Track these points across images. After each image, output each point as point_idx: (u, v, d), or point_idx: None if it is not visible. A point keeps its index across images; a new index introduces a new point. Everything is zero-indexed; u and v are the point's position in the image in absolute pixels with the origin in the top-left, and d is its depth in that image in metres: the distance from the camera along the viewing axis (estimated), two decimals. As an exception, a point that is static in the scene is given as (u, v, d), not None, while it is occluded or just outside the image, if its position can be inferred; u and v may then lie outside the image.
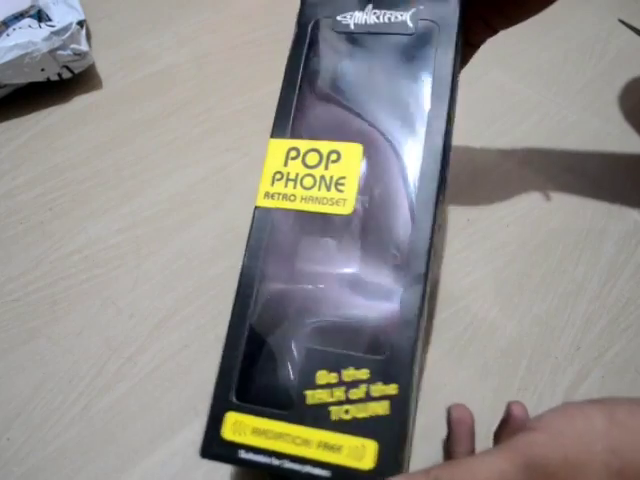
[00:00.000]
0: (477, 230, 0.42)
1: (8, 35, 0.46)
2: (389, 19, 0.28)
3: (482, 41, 0.34)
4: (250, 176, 0.45)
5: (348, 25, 0.28)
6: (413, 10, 0.27)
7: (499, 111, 0.50)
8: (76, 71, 0.49)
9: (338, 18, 0.28)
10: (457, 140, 0.48)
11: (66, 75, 0.49)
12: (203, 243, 0.40)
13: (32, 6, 0.50)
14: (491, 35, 0.34)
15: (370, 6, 0.28)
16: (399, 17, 0.28)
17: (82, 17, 0.49)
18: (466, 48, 0.34)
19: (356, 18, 0.28)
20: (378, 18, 0.28)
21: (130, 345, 0.35)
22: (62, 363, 0.34)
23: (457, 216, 0.42)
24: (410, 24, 0.27)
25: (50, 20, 0.50)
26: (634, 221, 0.42)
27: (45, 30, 0.46)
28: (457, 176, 0.45)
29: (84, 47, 0.48)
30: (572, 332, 0.36)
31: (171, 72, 0.53)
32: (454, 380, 0.34)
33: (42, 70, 0.47)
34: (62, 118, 0.48)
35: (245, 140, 0.47)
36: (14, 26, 0.47)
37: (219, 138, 0.47)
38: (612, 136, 0.49)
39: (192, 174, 0.44)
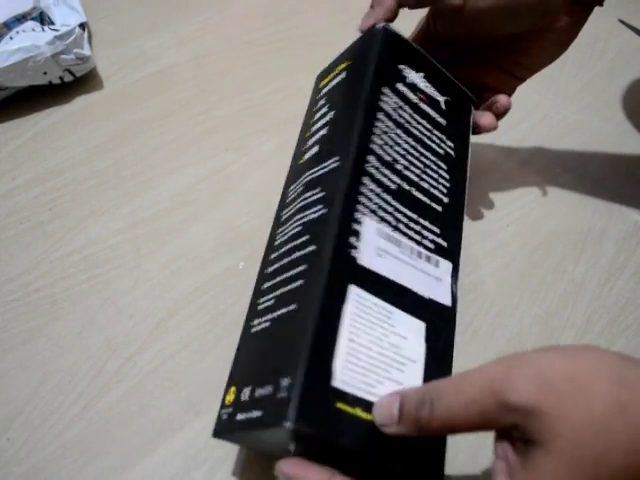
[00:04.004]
0: (477, 230, 0.42)
1: (11, 38, 0.46)
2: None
3: (513, 90, 0.38)
4: (250, 176, 0.45)
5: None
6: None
7: (499, 111, 0.50)
8: (78, 74, 0.49)
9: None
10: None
11: (68, 78, 0.49)
12: (203, 243, 0.40)
13: (34, 8, 0.50)
14: (520, 84, 0.38)
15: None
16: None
17: (84, 19, 0.49)
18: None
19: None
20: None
21: (130, 345, 0.35)
22: (62, 363, 0.34)
23: (457, 216, 0.42)
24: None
25: (52, 23, 0.50)
26: (634, 221, 0.42)
27: (48, 34, 0.46)
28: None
29: (87, 52, 0.48)
30: (572, 332, 0.36)
31: (171, 72, 0.53)
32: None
33: (44, 74, 0.47)
34: (62, 118, 0.48)
35: (245, 140, 0.47)
36: (17, 29, 0.47)
37: (219, 138, 0.47)
38: (612, 136, 0.49)
39: (192, 174, 0.44)
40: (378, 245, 0.26)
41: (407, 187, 0.29)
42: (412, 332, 0.25)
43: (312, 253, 0.26)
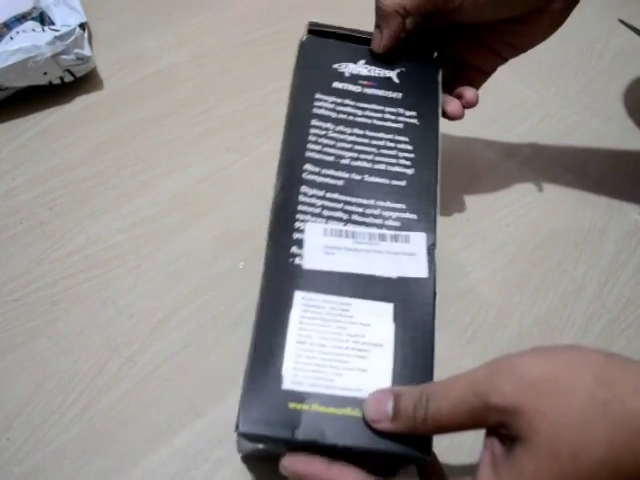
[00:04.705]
0: (477, 230, 0.42)
1: (12, 38, 0.46)
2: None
3: (494, 69, 0.38)
4: (250, 176, 0.45)
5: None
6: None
7: (499, 111, 0.50)
8: (78, 75, 0.49)
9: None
10: (457, 140, 0.48)
11: (68, 79, 0.49)
12: (203, 243, 0.40)
13: (34, 8, 0.50)
14: (502, 63, 0.37)
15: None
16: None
17: (84, 19, 0.49)
18: (479, 75, 0.38)
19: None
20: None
21: (130, 345, 0.35)
22: (62, 363, 0.34)
23: (457, 216, 0.42)
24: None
25: (52, 23, 0.50)
26: (634, 221, 0.42)
27: (49, 34, 0.46)
28: (457, 176, 0.45)
29: (87, 52, 0.48)
30: (572, 332, 0.36)
31: (171, 72, 0.53)
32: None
33: (45, 74, 0.46)
34: (62, 118, 0.48)
35: (245, 140, 0.47)
36: (17, 29, 0.47)
37: (219, 138, 0.47)
38: (612, 136, 0.49)
39: (192, 174, 0.44)
40: (326, 244, 0.27)
41: (358, 177, 0.30)
42: (375, 317, 0.26)
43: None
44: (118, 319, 0.36)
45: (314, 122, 0.31)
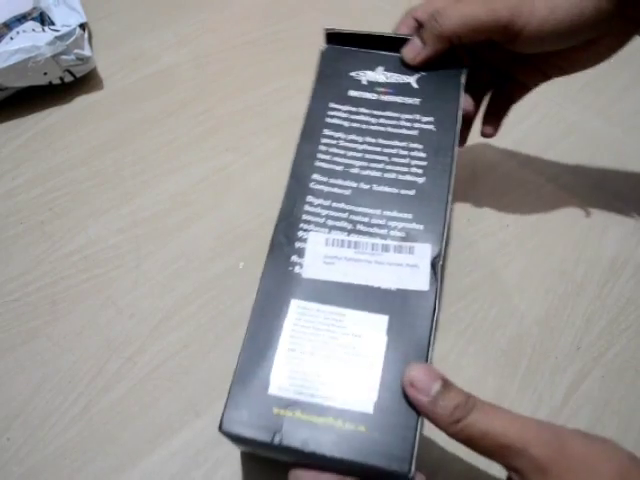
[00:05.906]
0: (477, 230, 0.42)
1: (12, 38, 0.46)
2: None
3: (536, 85, 0.38)
4: (250, 176, 0.45)
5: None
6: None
7: (499, 111, 0.50)
8: (78, 75, 0.49)
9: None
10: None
11: (68, 79, 0.49)
12: (203, 243, 0.40)
13: (34, 8, 0.50)
14: (546, 81, 0.38)
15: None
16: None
17: (84, 19, 0.49)
18: (520, 89, 0.39)
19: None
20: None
21: (130, 345, 0.35)
22: (62, 363, 0.34)
23: (457, 216, 0.42)
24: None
25: (53, 23, 0.50)
26: (634, 221, 0.42)
27: (49, 34, 0.46)
28: (457, 176, 0.45)
29: (87, 52, 0.48)
30: (572, 332, 0.36)
31: (171, 72, 0.53)
32: (454, 380, 0.34)
33: (45, 74, 0.47)
34: (62, 118, 0.48)
35: (245, 140, 0.47)
36: (17, 29, 0.47)
37: (219, 138, 0.47)
38: (612, 136, 0.49)
39: (192, 174, 0.44)
40: (326, 254, 0.28)
41: (366, 186, 0.30)
42: (368, 329, 0.26)
43: None
44: (118, 319, 0.36)
45: (326, 132, 0.31)
